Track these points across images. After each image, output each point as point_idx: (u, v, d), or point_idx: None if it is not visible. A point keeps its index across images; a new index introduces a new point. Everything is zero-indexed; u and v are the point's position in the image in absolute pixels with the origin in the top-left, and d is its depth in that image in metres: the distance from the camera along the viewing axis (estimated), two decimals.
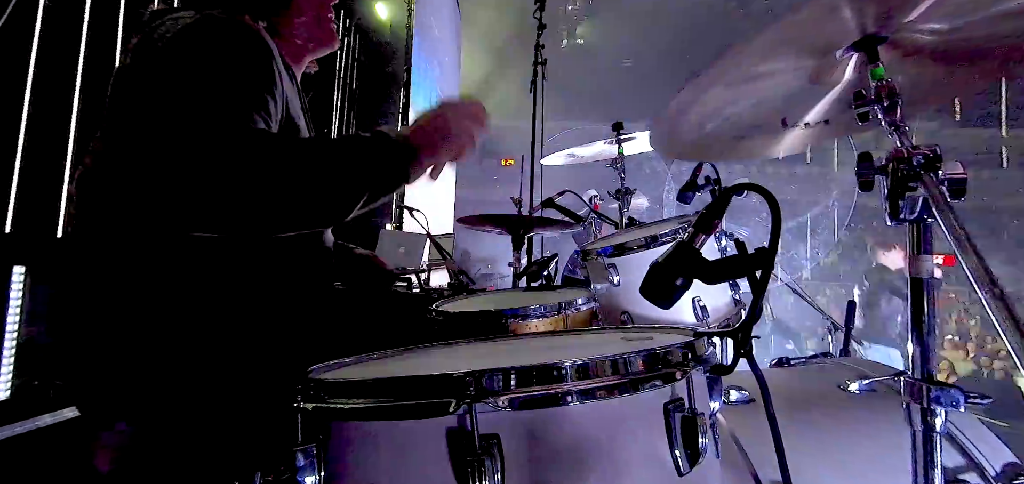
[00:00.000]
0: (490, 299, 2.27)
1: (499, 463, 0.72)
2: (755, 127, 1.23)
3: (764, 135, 1.26)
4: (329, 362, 1.01)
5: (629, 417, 0.78)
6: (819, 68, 1.08)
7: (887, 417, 1.20)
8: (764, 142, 1.29)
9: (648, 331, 1.10)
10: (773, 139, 1.27)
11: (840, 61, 1.06)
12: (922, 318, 0.90)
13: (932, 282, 0.90)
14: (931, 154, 0.85)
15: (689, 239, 1.08)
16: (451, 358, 1.04)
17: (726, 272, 1.06)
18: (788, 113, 1.18)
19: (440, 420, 0.74)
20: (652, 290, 1.07)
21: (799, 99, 1.15)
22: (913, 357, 0.91)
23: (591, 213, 3.17)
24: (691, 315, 1.66)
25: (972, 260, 0.75)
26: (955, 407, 0.86)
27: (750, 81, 1.09)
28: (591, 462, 0.74)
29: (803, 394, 1.40)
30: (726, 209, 1.12)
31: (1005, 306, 0.70)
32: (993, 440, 1.18)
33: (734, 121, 1.21)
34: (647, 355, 0.78)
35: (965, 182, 0.84)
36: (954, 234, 0.77)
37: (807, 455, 1.13)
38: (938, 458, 0.89)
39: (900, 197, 0.85)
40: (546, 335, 1.37)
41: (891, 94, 0.92)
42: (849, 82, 1.11)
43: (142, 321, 1.20)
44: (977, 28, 0.94)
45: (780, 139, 1.26)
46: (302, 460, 0.80)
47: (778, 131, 1.22)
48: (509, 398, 0.72)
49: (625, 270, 1.67)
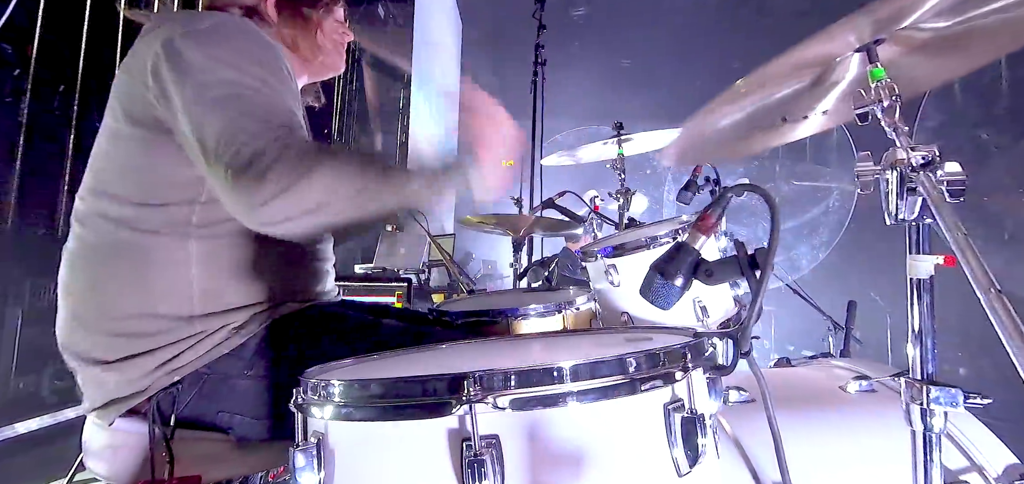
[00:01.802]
0: (490, 299, 2.27)
1: (499, 463, 0.72)
2: (755, 127, 1.23)
3: (764, 132, 1.26)
4: (328, 362, 1.01)
5: (629, 417, 0.78)
6: (821, 72, 1.08)
7: (887, 417, 1.20)
8: (764, 138, 1.30)
9: (648, 331, 1.10)
10: (774, 135, 1.27)
11: (841, 61, 1.06)
12: (922, 318, 0.90)
13: (931, 282, 0.90)
14: (930, 154, 0.85)
15: (688, 239, 1.09)
16: (451, 358, 1.04)
17: (726, 272, 1.06)
18: (788, 111, 1.18)
19: (440, 420, 0.74)
20: (652, 291, 1.07)
21: (799, 97, 1.16)
22: (913, 357, 0.91)
23: (591, 213, 3.17)
24: (691, 315, 1.66)
25: (971, 261, 0.75)
26: (954, 407, 0.86)
27: (752, 94, 1.10)
28: (591, 462, 0.74)
29: (803, 394, 1.40)
30: (726, 209, 1.12)
31: (1004, 306, 0.70)
32: (993, 440, 1.18)
33: (735, 125, 1.22)
34: (647, 355, 0.78)
35: (964, 182, 0.84)
36: (953, 234, 0.77)
37: (807, 455, 1.13)
38: (938, 458, 0.89)
39: (899, 197, 0.85)
40: (546, 335, 1.37)
41: (891, 94, 0.92)
42: (851, 78, 1.11)
43: (142, 320, 1.20)
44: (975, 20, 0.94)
45: (780, 134, 1.26)
46: (302, 460, 0.80)
47: (779, 127, 1.23)
48: (509, 398, 0.72)
49: (625, 271, 1.67)
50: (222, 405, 1.24)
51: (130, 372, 1.19)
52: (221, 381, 1.24)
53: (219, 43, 1.17)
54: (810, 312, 2.72)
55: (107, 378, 1.20)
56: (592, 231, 2.98)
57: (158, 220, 1.20)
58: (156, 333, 1.20)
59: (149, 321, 1.20)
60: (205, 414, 1.24)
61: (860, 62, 1.06)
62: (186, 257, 1.21)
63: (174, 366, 1.20)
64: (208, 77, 1.12)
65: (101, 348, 1.20)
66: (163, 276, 1.21)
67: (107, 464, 1.24)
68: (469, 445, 0.71)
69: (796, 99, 1.15)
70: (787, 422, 1.05)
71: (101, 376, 1.20)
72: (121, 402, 1.20)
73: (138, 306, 1.20)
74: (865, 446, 1.20)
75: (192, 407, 1.23)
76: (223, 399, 1.24)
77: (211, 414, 1.24)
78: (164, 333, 1.20)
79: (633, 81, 7.93)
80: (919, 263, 0.89)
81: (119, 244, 1.21)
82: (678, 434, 0.77)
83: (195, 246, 1.21)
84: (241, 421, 1.25)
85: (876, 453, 1.17)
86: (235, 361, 1.25)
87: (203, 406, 1.23)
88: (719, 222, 1.11)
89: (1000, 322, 0.70)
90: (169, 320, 1.20)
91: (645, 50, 7.73)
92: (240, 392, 1.25)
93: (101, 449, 1.24)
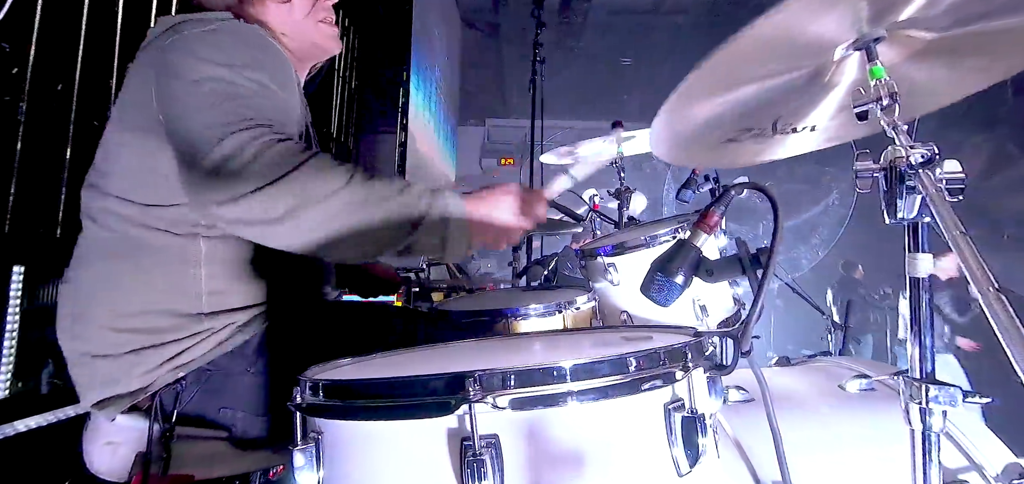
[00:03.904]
0: (490, 298, 2.27)
1: (499, 463, 0.72)
2: (744, 130, 1.20)
3: (755, 139, 1.23)
4: (328, 362, 1.01)
5: (630, 417, 0.78)
6: (817, 70, 1.07)
7: (887, 417, 1.20)
8: (755, 147, 1.27)
9: (648, 331, 1.10)
10: (765, 145, 1.25)
11: (839, 62, 1.05)
12: (921, 318, 0.90)
13: (930, 282, 0.90)
14: (929, 153, 0.85)
15: (689, 238, 1.09)
16: (451, 358, 1.04)
17: (727, 270, 1.06)
18: (780, 114, 1.16)
19: (440, 420, 0.74)
20: (652, 289, 1.07)
21: (793, 98, 1.14)
22: (912, 357, 0.91)
23: (591, 213, 3.17)
24: (691, 315, 1.66)
25: (971, 260, 0.74)
26: (953, 405, 0.86)
27: (743, 84, 1.07)
28: (591, 462, 0.74)
29: (804, 394, 1.40)
30: (726, 208, 1.12)
31: (1004, 306, 0.70)
32: (993, 440, 1.18)
33: (721, 123, 1.19)
34: (647, 355, 0.78)
35: (964, 181, 0.84)
36: (951, 234, 0.77)
37: (807, 455, 1.13)
38: (937, 458, 0.89)
39: (899, 196, 0.85)
40: (546, 335, 1.37)
41: (889, 93, 0.91)
42: (850, 85, 1.10)
43: (148, 316, 1.20)
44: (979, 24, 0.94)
45: (771, 145, 1.24)
46: (301, 460, 0.80)
47: (769, 138, 1.21)
48: (509, 398, 0.72)
49: (625, 270, 1.67)
50: (223, 402, 1.24)
51: (133, 368, 1.19)
52: (223, 378, 1.24)
53: (217, 45, 1.18)
54: (810, 312, 2.73)
55: (110, 374, 1.19)
56: (591, 230, 2.98)
57: (167, 219, 1.20)
58: (162, 330, 1.20)
59: (156, 318, 1.20)
60: (206, 411, 1.24)
61: (859, 67, 1.05)
62: (195, 255, 1.21)
63: (178, 363, 1.21)
64: (200, 76, 1.12)
65: (106, 344, 1.20)
66: (172, 273, 1.21)
67: (107, 461, 1.24)
68: (468, 445, 0.71)
69: (789, 100, 1.13)
70: (787, 421, 1.05)
71: (104, 371, 1.20)
72: (123, 399, 1.20)
73: (146, 302, 1.20)
74: (864, 445, 1.20)
75: (194, 404, 1.23)
76: (224, 396, 1.24)
77: (212, 411, 1.24)
78: (170, 330, 1.20)
79: (633, 80, 7.93)
80: (918, 262, 0.89)
81: (129, 240, 1.21)
82: (678, 434, 0.77)
83: (204, 245, 1.21)
84: (242, 418, 1.25)
85: (875, 452, 1.17)
86: (238, 359, 1.25)
87: (204, 403, 1.24)
88: (721, 220, 1.11)
89: (999, 322, 0.70)
90: (176, 317, 1.20)
91: (645, 50, 7.73)
92: (241, 390, 1.25)
93: (101, 446, 1.24)
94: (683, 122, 1.14)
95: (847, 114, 1.16)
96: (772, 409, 1.00)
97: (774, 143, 1.22)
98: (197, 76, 1.12)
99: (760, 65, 1.01)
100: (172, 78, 1.15)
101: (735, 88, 1.07)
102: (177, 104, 1.13)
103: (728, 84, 1.05)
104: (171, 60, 1.17)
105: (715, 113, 1.12)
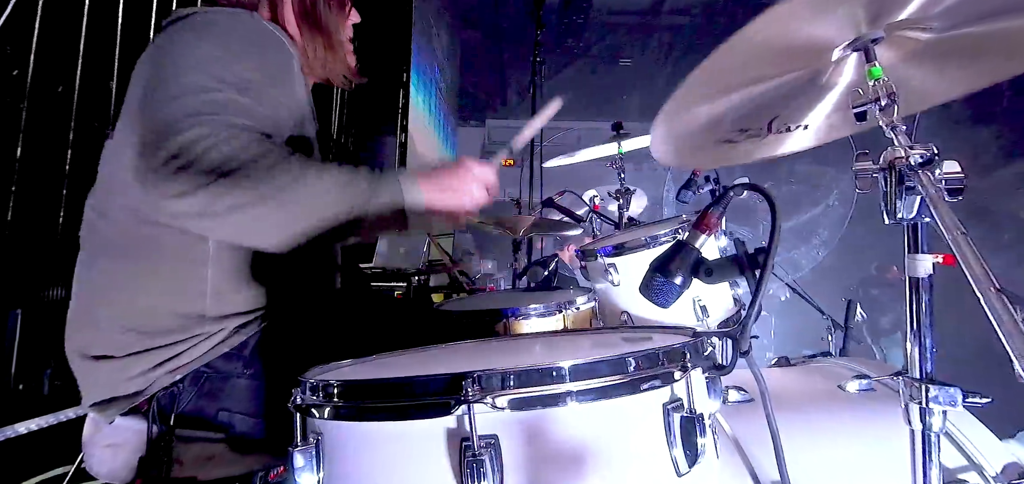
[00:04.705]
0: (490, 299, 2.27)
1: (498, 463, 0.72)
2: (741, 129, 1.21)
3: (752, 140, 1.24)
4: (328, 363, 1.01)
5: (628, 417, 0.78)
6: (815, 71, 1.07)
7: (887, 417, 1.20)
8: (752, 146, 1.27)
9: (647, 331, 1.10)
10: (762, 144, 1.25)
11: (838, 63, 1.05)
12: (920, 318, 0.90)
13: (930, 281, 0.90)
14: (929, 153, 0.85)
15: (688, 238, 1.09)
16: (451, 358, 1.04)
17: (726, 271, 1.06)
18: (779, 113, 1.16)
19: (440, 420, 0.74)
20: (651, 290, 1.07)
21: (792, 99, 1.14)
22: (911, 357, 0.91)
23: (591, 213, 3.17)
24: (691, 315, 1.66)
25: (971, 260, 0.74)
26: (953, 406, 0.86)
27: (742, 86, 1.07)
28: (590, 462, 0.74)
29: (803, 394, 1.40)
30: (725, 209, 1.12)
31: (1004, 306, 0.70)
32: (993, 440, 1.18)
33: (720, 123, 1.19)
34: (646, 355, 0.78)
35: (963, 181, 0.84)
36: (951, 233, 0.77)
37: (807, 455, 1.13)
38: (937, 458, 0.89)
39: (898, 196, 0.85)
40: (545, 335, 1.37)
41: (888, 93, 0.92)
42: (847, 85, 1.10)
43: (155, 316, 1.21)
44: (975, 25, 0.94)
45: (769, 144, 1.24)
46: (301, 460, 0.80)
47: (764, 138, 1.21)
48: (508, 398, 0.72)
49: (625, 270, 1.67)
50: (222, 404, 1.24)
51: (135, 368, 1.19)
52: (222, 380, 1.24)
53: (210, 36, 1.18)
54: (810, 311, 2.73)
55: (111, 374, 1.20)
56: (592, 230, 2.98)
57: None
58: (165, 331, 1.20)
59: (161, 318, 1.20)
60: (205, 412, 1.24)
61: (857, 68, 1.05)
62: (203, 255, 1.21)
63: (177, 363, 1.21)
64: (180, 67, 1.12)
65: (111, 343, 1.20)
66: (180, 272, 1.21)
67: (107, 463, 1.24)
68: (468, 445, 0.71)
69: (786, 101, 1.13)
70: (786, 422, 1.05)
71: (105, 372, 1.20)
72: (123, 400, 1.20)
73: (152, 301, 1.20)
74: (864, 445, 1.20)
75: (193, 405, 1.23)
76: (223, 398, 1.24)
77: (211, 412, 1.24)
78: (173, 331, 1.20)
79: (633, 81, 7.93)
80: (918, 262, 0.89)
81: (140, 238, 1.21)
82: (677, 434, 0.77)
83: (213, 245, 1.21)
84: (241, 420, 1.25)
85: (875, 452, 1.17)
86: (235, 360, 1.25)
87: (203, 404, 1.24)
88: (720, 221, 1.11)
89: (1000, 322, 0.70)
90: (181, 317, 1.20)
91: (645, 51, 7.73)
92: (240, 391, 1.25)
93: (101, 448, 1.24)
94: (682, 125, 1.14)
95: (840, 113, 1.16)
96: (771, 409, 0.99)
97: (767, 142, 1.22)
98: (183, 65, 1.12)
99: (758, 67, 1.01)
100: (159, 66, 1.16)
101: (734, 90, 1.07)
102: (157, 91, 1.11)
103: (727, 86, 1.05)
104: (164, 47, 1.18)
105: (713, 115, 1.12)
